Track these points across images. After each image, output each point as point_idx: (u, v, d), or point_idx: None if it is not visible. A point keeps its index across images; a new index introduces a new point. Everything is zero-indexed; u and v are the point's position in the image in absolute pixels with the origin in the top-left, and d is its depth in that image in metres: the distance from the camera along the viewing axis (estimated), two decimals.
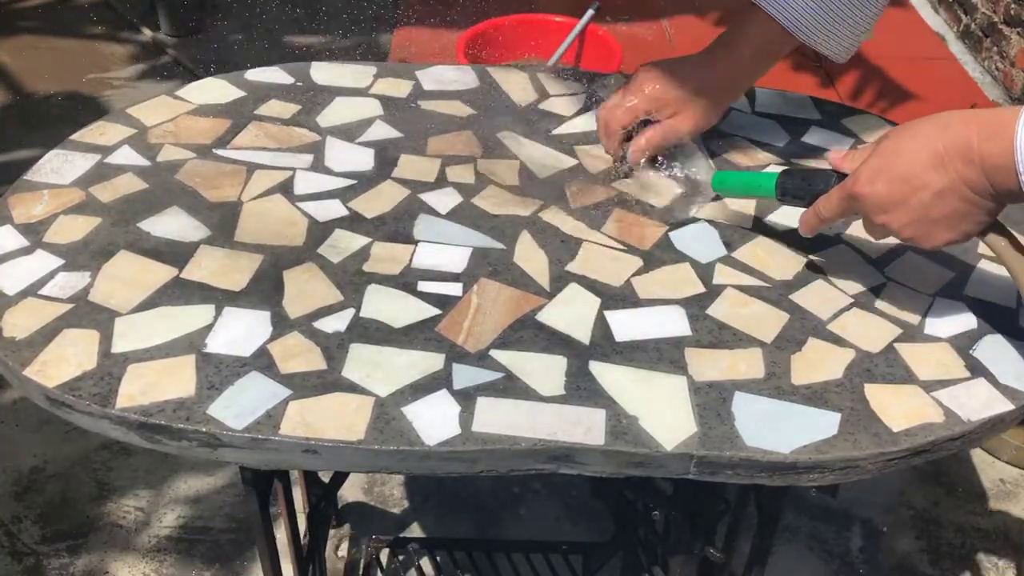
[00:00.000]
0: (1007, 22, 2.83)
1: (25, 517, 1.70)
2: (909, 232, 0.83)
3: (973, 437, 0.82)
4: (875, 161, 0.83)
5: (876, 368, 0.86)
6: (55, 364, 0.83)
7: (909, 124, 0.83)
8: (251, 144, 1.11)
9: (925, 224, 0.81)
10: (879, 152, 0.83)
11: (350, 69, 1.26)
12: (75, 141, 1.11)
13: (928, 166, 0.79)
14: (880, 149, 0.83)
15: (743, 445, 0.78)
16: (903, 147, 0.81)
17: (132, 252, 0.95)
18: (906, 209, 0.81)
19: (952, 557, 1.68)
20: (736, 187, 1.02)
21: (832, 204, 0.88)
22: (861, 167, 0.84)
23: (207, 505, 1.73)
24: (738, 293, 0.93)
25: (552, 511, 1.73)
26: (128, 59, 3.00)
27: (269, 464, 0.80)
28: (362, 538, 1.64)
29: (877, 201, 0.83)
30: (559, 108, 1.20)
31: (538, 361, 0.85)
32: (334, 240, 0.97)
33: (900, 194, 0.81)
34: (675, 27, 2.98)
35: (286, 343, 0.85)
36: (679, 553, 1.09)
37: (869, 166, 0.83)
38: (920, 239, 0.83)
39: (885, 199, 0.82)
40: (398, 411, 0.80)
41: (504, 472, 0.79)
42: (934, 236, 0.82)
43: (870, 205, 0.84)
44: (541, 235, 0.99)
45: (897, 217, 0.82)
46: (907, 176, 0.80)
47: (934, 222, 0.81)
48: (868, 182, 0.83)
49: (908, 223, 0.82)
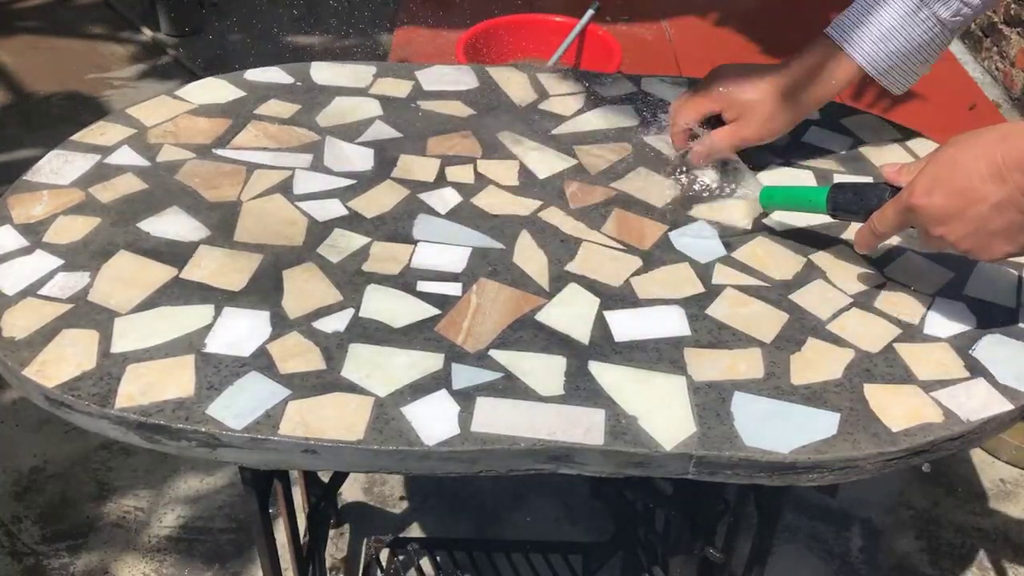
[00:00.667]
0: (1007, 22, 2.83)
1: (25, 517, 1.71)
2: (966, 244, 0.82)
3: (973, 437, 0.82)
4: (932, 172, 0.82)
5: (876, 368, 0.86)
6: (54, 364, 0.83)
7: (966, 135, 0.81)
8: (251, 144, 1.11)
9: (983, 236, 0.80)
10: (936, 163, 0.82)
11: (350, 69, 1.26)
12: (75, 141, 1.11)
13: (986, 177, 0.78)
14: (937, 160, 0.82)
15: (742, 445, 0.78)
16: (960, 158, 0.80)
17: (132, 252, 0.95)
18: (963, 221, 0.80)
19: (952, 557, 1.68)
20: (785, 202, 1.00)
21: (888, 218, 0.87)
22: (917, 178, 0.83)
23: (207, 505, 1.73)
24: (738, 293, 0.93)
25: (552, 511, 1.73)
26: (128, 59, 3.00)
27: (268, 464, 0.80)
28: (362, 538, 1.64)
29: (934, 213, 0.81)
30: (559, 108, 1.20)
31: (537, 361, 0.85)
32: (334, 240, 0.97)
33: (957, 206, 0.80)
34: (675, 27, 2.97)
35: (285, 343, 0.85)
36: (679, 553, 1.09)
37: (926, 177, 0.82)
38: (978, 251, 0.82)
39: (942, 211, 0.81)
40: (397, 411, 0.80)
41: (503, 472, 0.79)
42: (992, 248, 0.81)
43: (927, 218, 0.82)
44: (541, 235, 0.99)
45: (954, 229, 0.81)
46: (964, 188, 0.79)
47: (992, 234, 0.80)
48: (925, 194, 0.82)
49: (965, 235, 0.81)
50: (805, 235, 1.01)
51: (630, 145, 1.14)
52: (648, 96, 1.23)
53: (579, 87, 1.24)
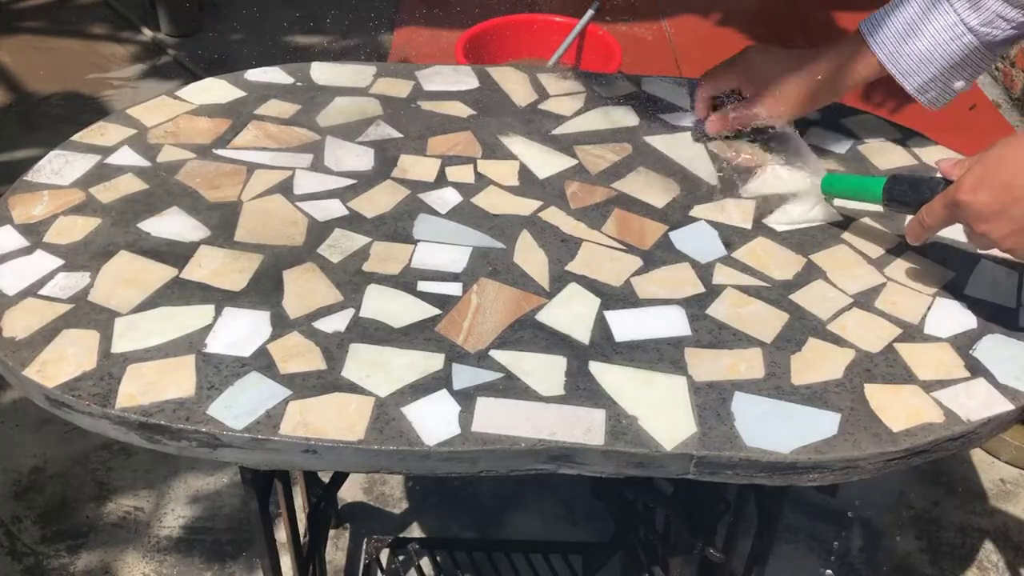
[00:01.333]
0: None
1: (25, 517, 1.71)
2: (1010, 243, 0.82)
3: (973, 437, 0.82)
4: (979, 169, 0.82)
5: (876, 368, 0.86)
6: (55, 364, 0.83)
7: (1017, 134, 0.82)
8: (251, 144, 1.11)
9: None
10: (984, 160, 0.82)
11: (350, 69, 1.26)
12: (75, 142, 1.11)
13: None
14: (985, 157, 0.82)
15: (743, 445, 0.78)
16: (1008, 155, 0.81)
17: (132, 252, 0.95)
18: (1008, 219, 0.80)
19: (952, 557, 1.68)
20: (844, 190, 1.00)
21: (935, 212, 0.87)
22: (966, 175, 0.83)
23: (207, 505, 1.73)
24: (738, 293, 0.93)
25: (552, 511, 1.73)
26: (128, 59, 3.00)
27: (269, 464, 0.80)
28: (362, 538, 1.64)
29: (978, 210, 0.82)
30: (559, 108, 1.20)
31: (538, 361, 0.85)
32: (334, 240, 0.97)
33: (1001, 203, 0.80)
34: (675, 27, 2.98)
35: (286, 343, 0.85)
36: (679, 553, 1.09)
37: (973, 173, 0.82)
38: (1021, 250, 0.82)
39: (986, 208, 0.81)
40: (398, 411, 0.80)
41: (504, 472, 0.79)
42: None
43: (971, 214, 0.82)
44: (541, 235, 0.99)
45: (998, 227, 0.81)
46: (1010, 185, 0.79)
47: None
48: (971, 190, 0.82)
49: (1009, 233, 0.81)
50: (805, 235, 1.01)
51: (630, 145, 1.14)
52: (648, 96, 1.23)
53: (579, 87, 1.24)
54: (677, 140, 1.14)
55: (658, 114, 1.18)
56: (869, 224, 1.02)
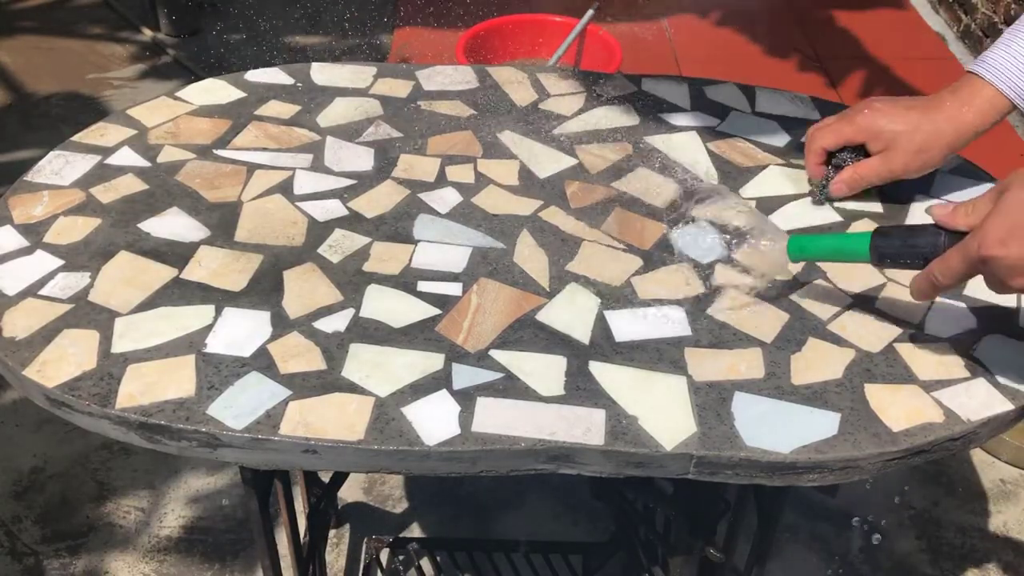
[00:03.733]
0: (1007, 22, 2.82)
1: (25, 517, 1.71)
2: None
3: (973, 437, 0.82)
4: (1003, 219, 0.75)
5: (876, 368, 0.86)
6: (55, 364, 0.83)
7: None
8: (251, 144, 1.11)
9: None
10: (1007, 208, 0.75)
11: (350, 69, 1.26)
12: (75, 142, 1.11)
13: None
14: (1007, 205, 0.75)
15: (743, 445, 0.78)
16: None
17: (132, 252, 0.95)
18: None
19: (952, 557, 1.68)
20: (819, 252, 0.90)
21: (953, 269, 0.79)
22: (987, 226, 0.76)
23: (207, 505, 1.73)
24: (738, 293, 0.93)
25: (552, 511, 1.73)
26: (128, 59, 3.00)
27: (269, 464, 0.80)
28: (362, 538, 1.64)
29: (1012, 264, 0.75)
30: (559, 108, 1.20)
31: (538, 361, 0.85)
32: (334, 240, 0.97)
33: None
34: (675, 27, 2.98)
35: (286, 343, 0.85)
36: (679, 553, 1.09)
37: (997, 225, 0.75)
38: None
39: (1022, 261, 0.74)
40: (398, 411, 0.80)
41: (504, 472, 0.79)
42: None
43: (1005, 270, 0.75)
44: (541, 235, 0.99)
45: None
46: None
47: None
48: (1000, 243, 0.75)
49: None
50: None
51: (630, 145, 1.14)
52: (648, 96, 1.23)
53: (579, 87, 1.24)
54: (677, 140, 1.14)
55: (658, 114, 1.18)
56: (869, 224, 1.02)
